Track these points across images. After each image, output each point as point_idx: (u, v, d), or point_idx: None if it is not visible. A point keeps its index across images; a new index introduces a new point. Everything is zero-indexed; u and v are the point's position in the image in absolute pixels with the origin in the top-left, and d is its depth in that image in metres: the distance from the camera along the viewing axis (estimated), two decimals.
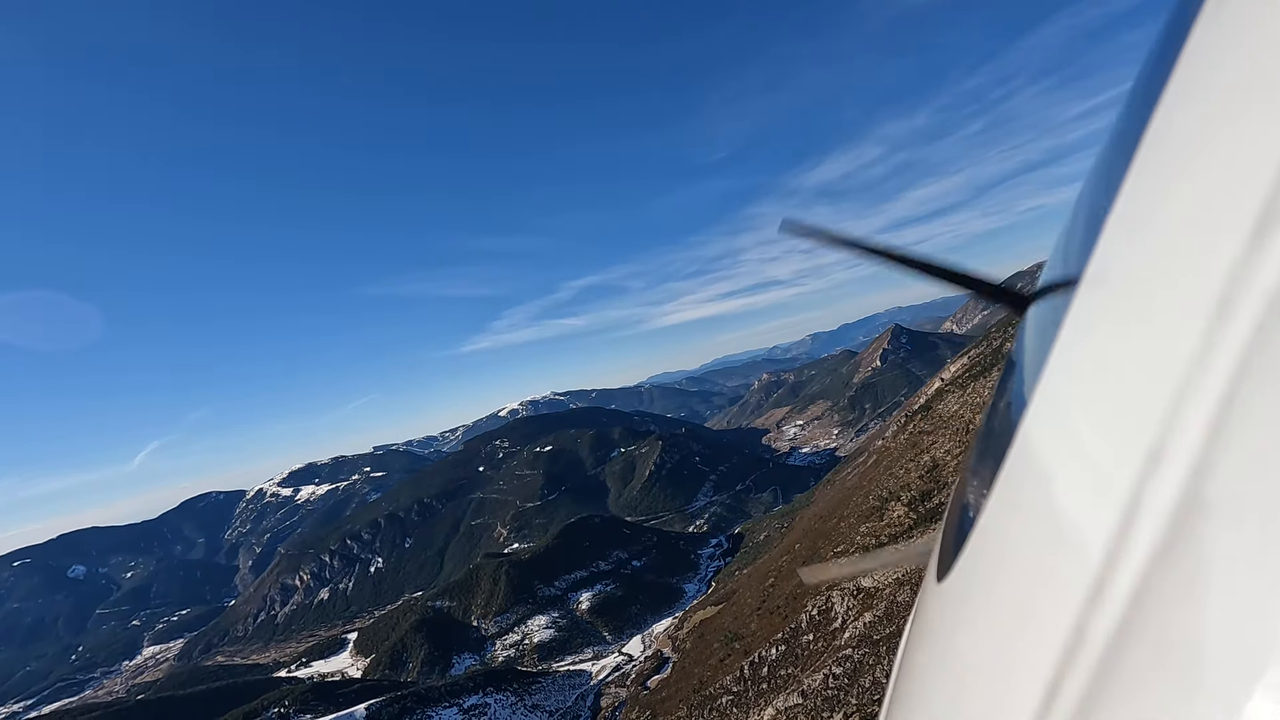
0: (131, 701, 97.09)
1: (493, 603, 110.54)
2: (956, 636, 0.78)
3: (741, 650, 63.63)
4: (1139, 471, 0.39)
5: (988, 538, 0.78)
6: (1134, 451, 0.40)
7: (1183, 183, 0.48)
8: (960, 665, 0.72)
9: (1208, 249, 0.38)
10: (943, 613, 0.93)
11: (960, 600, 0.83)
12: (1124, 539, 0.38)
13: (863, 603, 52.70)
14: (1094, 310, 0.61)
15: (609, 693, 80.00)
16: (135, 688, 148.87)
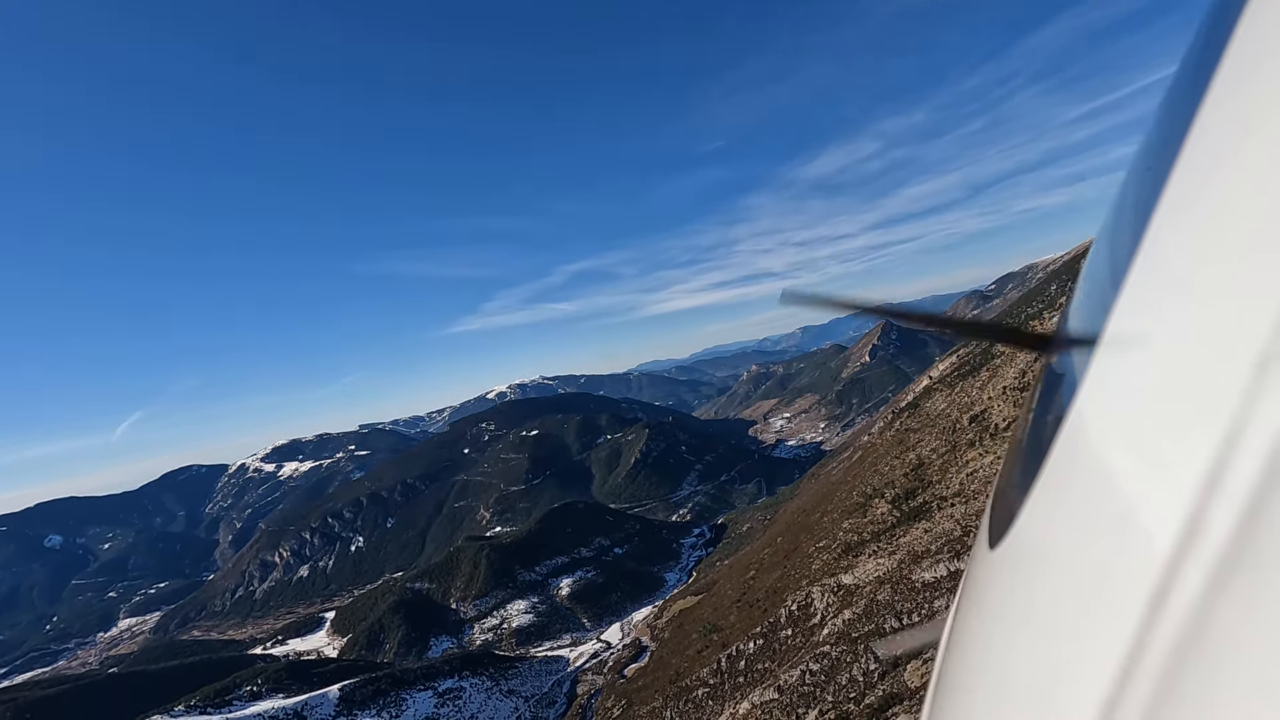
0: (104, 674, 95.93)
1: (472, 586, 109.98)
2: (1013, 604, 0.77)
3: (720, 642, 63.38)
4: (1215, 448, 0.37)
5: (1046, 504, 0.76)
6: (1210, 427, 0.38)
7: (1238, 164, 0.47)
8: (1018, 633, 0.70)
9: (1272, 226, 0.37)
10: (997, 579, 0.91)
11: (1015, 567, 0.82)
12: (1197, 519, 0.37)
13: (843, 600, 52.39)
14: (1158, 284, 0.59)
15: (586, 680, 79.76)
16: (109, 660, 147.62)
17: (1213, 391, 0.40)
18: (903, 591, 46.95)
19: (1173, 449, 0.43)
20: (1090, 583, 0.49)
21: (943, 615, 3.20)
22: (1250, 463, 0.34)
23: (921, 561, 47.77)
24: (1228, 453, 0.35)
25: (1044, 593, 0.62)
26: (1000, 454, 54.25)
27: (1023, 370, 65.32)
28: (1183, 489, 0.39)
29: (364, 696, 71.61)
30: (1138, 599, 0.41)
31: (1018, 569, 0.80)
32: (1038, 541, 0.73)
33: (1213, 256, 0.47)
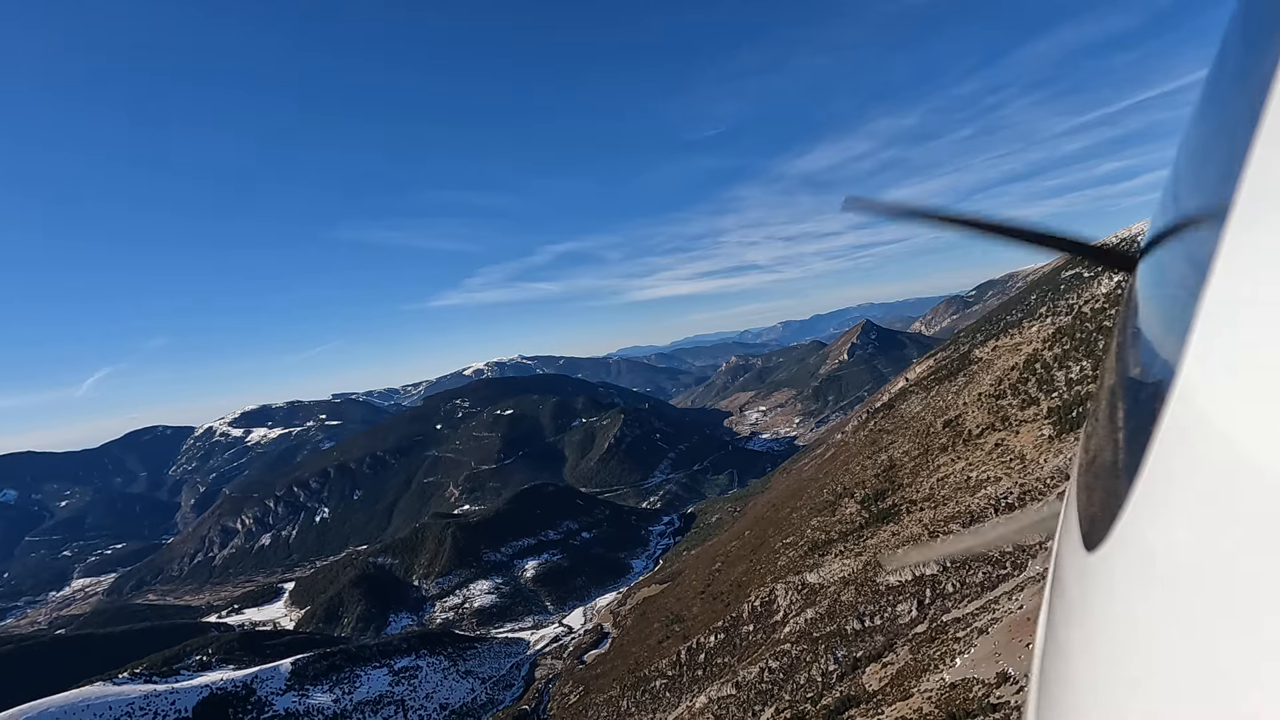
0: (50, 636, 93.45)
1: (436, 563, 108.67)
2: (1125, 611, 0.70)
3: (681, 634, 63.01)
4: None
5: (1156, 502, 0.68)
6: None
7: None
8: (1135, 642, 0.63)
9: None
10: (1100, 584, 0.85)
11: (1124, 572, 0.75)
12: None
13: (806, 598, 52.12)
14: (1258, 244, 0.52)
15: (545, 664, 79.19)
16: (59, 620, 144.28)
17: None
18: (867, 594, 46.73)
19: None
20: (1234, 591, 0.42)
21: (946, 537, 2.31)
22: None
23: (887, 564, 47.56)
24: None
25: (1177, 603, 0.54)
26: (973, 461, 54.19)
27: (999, 378, 65.28)
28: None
29: (317, 671, 70.31)
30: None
31: (1132, 576, 0.71)
32: (1154, 544, 0.65)
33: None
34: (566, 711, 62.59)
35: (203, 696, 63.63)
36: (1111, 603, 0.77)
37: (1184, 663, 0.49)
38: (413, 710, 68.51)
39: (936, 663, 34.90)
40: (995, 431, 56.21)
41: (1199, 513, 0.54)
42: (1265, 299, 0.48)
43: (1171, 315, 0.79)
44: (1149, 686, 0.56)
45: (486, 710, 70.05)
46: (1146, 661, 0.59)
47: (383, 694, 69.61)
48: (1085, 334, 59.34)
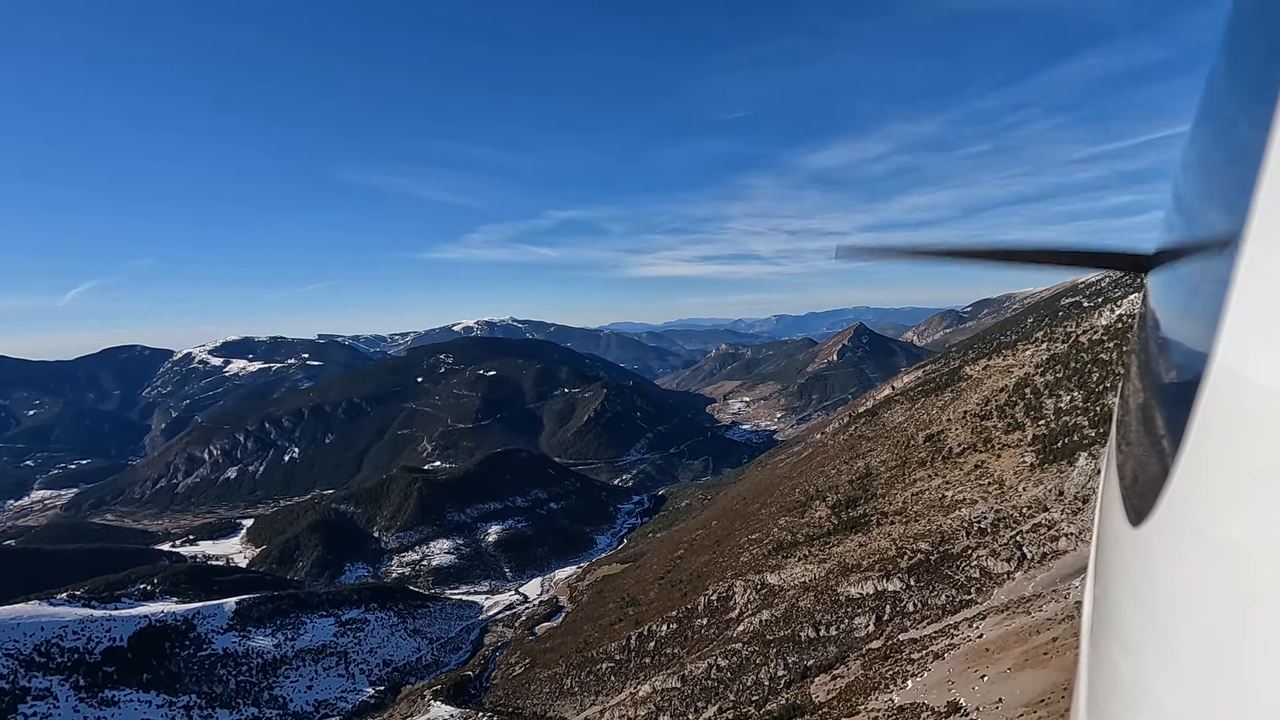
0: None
1: (399, 517, 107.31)
2: (1178, 583, 0.69)
3: (634, 618, 62.08)
4: None
5: (1202, 474, 0.66)
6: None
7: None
8: (1190, 614, 0.63)
9: None
10: (1149, 559, 0.84)
11: (1173, 545, 0.74)
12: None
13: (765, 599, 51.12)
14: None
15: (495, 630, 78.31)
16: (11, 530, 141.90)
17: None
18: (825, 603, 45.72)
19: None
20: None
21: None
22: None
23: (850, 576, 46.49)
24: None
25: (1228, 573, 0.54)
26: (950, 480, 53.08)
27: (986, 398, 64.06)
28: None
29: (261, 614, 69.01)
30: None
31: (1181, 549, 0.70)
32: (1202, 515, 0.65)
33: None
34: (510, 683, 61.73)
35: (140, 627, 62.13)
36: (1162, 576, 0.77)
37: (1238, 633, 0.50)
38: (355, 664, 67.47)
39: (888, 682, 33.86)
40: (977, 452, 55.06)
41: (1244, 483, 0.54)
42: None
43: (1203, 291, 0.77)
44: (1205, 657, 0.57)
45: (430, 671, 69.15)
46: (1201, 634, 0.59)
47: (326, 644, 68.47)
48: (1080, 364, 58.06)
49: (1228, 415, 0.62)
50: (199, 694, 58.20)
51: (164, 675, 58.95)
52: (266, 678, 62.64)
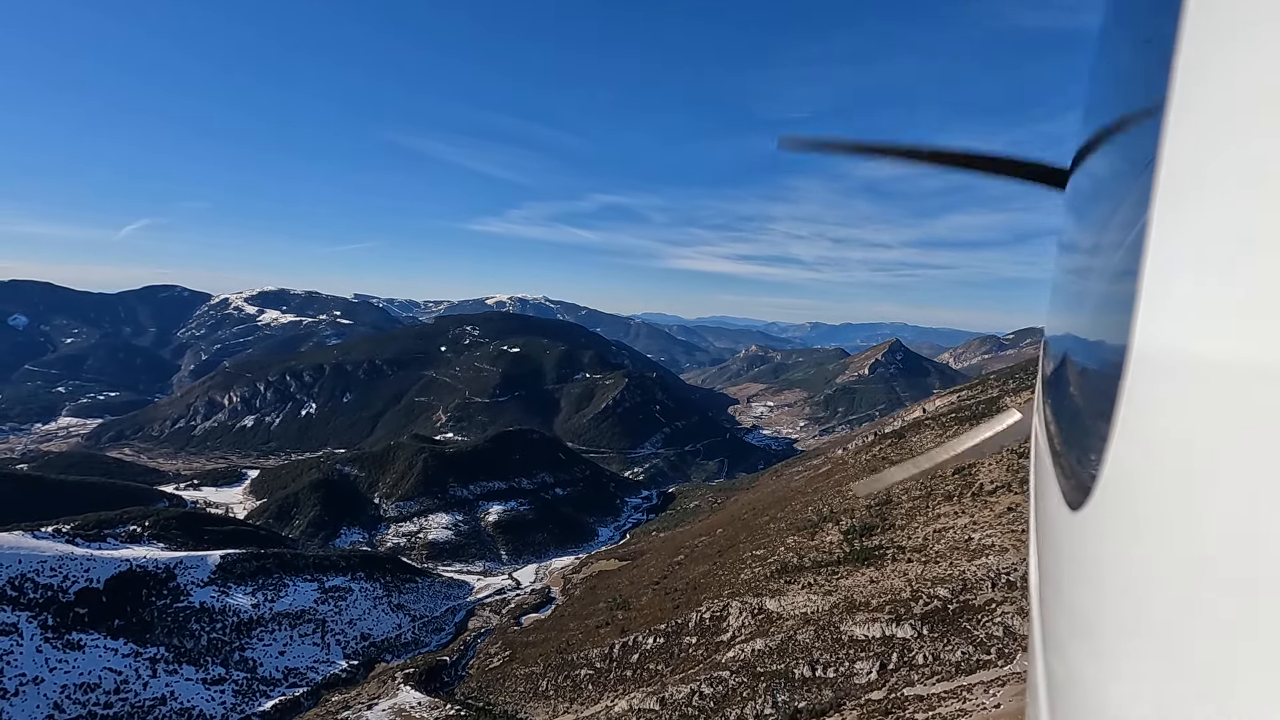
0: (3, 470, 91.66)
1: (401, 486, 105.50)
2: (1120, 565, 0.70)
3: (621, 625, 58.68)
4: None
5: (1138, 460, 0.67)
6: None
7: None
8: (1131, 595, 0.64)
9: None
10: (1089, 542, 0.86)
11: (1112, 528, 0.76)
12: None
13: (760, 626, 47.19)
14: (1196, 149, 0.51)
15: (481, 615, 75.76)
16: (31, 453, 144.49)
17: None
18: (826, 640, 41.61)
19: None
20: (1218, 535, 0.43)
21: (915, 455, 2.59)
22: None
23: (857, 614, 42.27)
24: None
25: (1166, 553, 0.55)
26: (978, 520, 48.36)
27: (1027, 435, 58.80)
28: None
29: (244, 571, 67.26)
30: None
31: (1120, 531, 0.72)
32: (1139, 497, 0.65)
33: None
34: (485, 675, 58.95)
35: (119, 570, 60.69)
36: (1103, 559, 0.78)
37: (1178, 612, 0.51)
38: (331, 633, 65.37)
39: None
40: (1011, 493, 50.20)
41: (1177, 461, 0.54)
42: (1212, 219, 0.48)
43: (1118, 247, 0.77)
44: (1148, 636, 0.58)
45: (408, 650, 66.79)
46: (1142, 613, 0.60)
47: (305, 609, 66.48)
48: None
49: (1153, 396, 0.63)
50: (168, 646, 56.49)
51: (136, 624, 57.38)
52: (240, 638, 60.80)
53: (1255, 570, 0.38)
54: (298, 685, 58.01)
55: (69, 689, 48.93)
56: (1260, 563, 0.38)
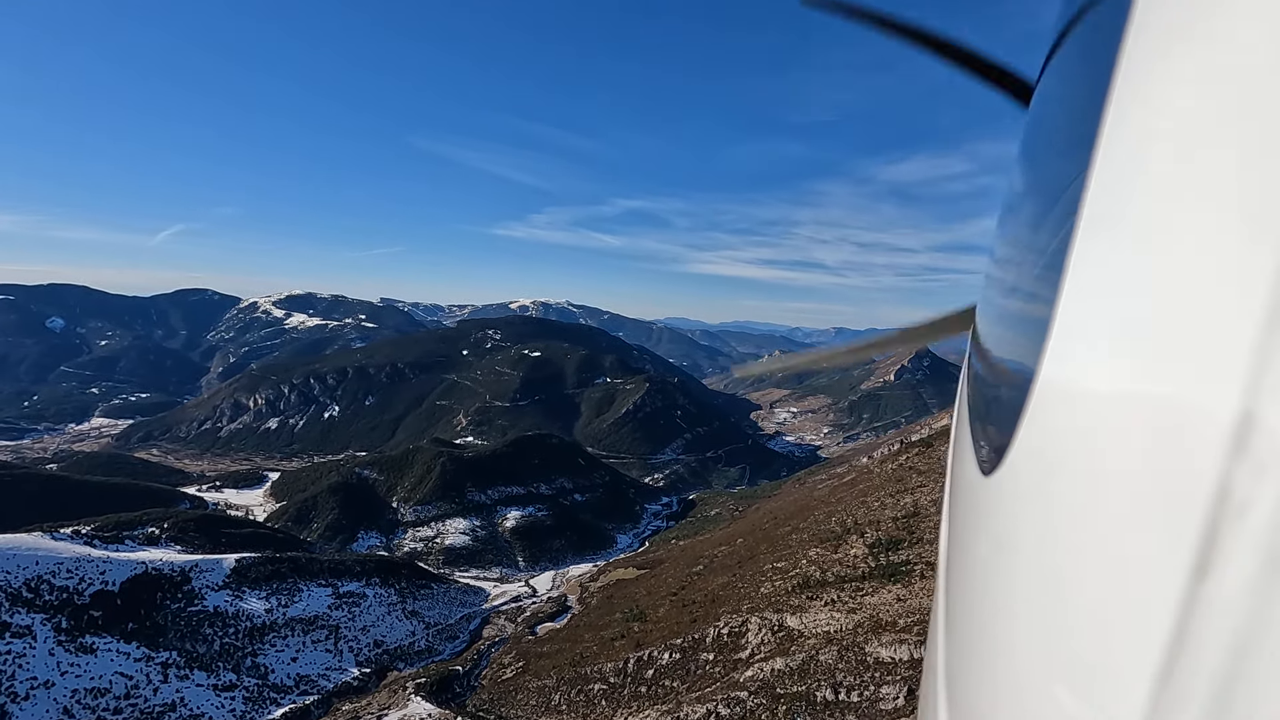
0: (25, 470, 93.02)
1: (419, 490, 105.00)
2: (1026, 533, 0.75)
3: (636, 638, 57.00)
4: (1254, 332, 0.34)
5: (1050, 427, 0.71)
6: (1243, 308, 0.35)
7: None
8: (1038, 562, 0.68)
9: None
10: (999, 508, 0.90)
11: (1018, 495, 0.81)
12: (1243, 418, 0.34)
13: (780, 643, 45.19)
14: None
15: (496, 623, 74.56)
16: (63, 453, 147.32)
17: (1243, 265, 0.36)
18: (850, 661, 39.50)
19: (1192, 352, 0.40)
20: (1122, 499, 0.47)
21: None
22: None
23: (883, 634, 40.09)
24: (1265, 347, 0.33)
25: (1066, 517, 0.60)
26: None
27: None
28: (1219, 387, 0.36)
29: (259, 575, 66.88)
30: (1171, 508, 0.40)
31: (1026, 498, 0.77)
32: (1046, 467, 0.70)
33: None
34: (498, 686, 57.64)
35: (135, 573, 60.63)
36: (1009, 523, 0.84)
37: (1074, 575, 0.55)
38: (345, 640, 64.64)
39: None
40: None
41: (1081, 442, 0.59)
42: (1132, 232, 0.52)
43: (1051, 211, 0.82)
44: (1043, 599, 0.63)
45: (421, 659, 65.84)
46: (1041, 577, 0.65)
47: (319, 615, 65.87)
48: None
49: (1058, 382, 0.68)
50: (180, 651, 56.15)
51: (149, 627, 57.14)
52: (252, 643, 60.32)
53: (1124, 549, 0.44)
54: (309, 693, 57.28)
55: (79, 694, 48.63)
56: (1131, 540, 0.43)
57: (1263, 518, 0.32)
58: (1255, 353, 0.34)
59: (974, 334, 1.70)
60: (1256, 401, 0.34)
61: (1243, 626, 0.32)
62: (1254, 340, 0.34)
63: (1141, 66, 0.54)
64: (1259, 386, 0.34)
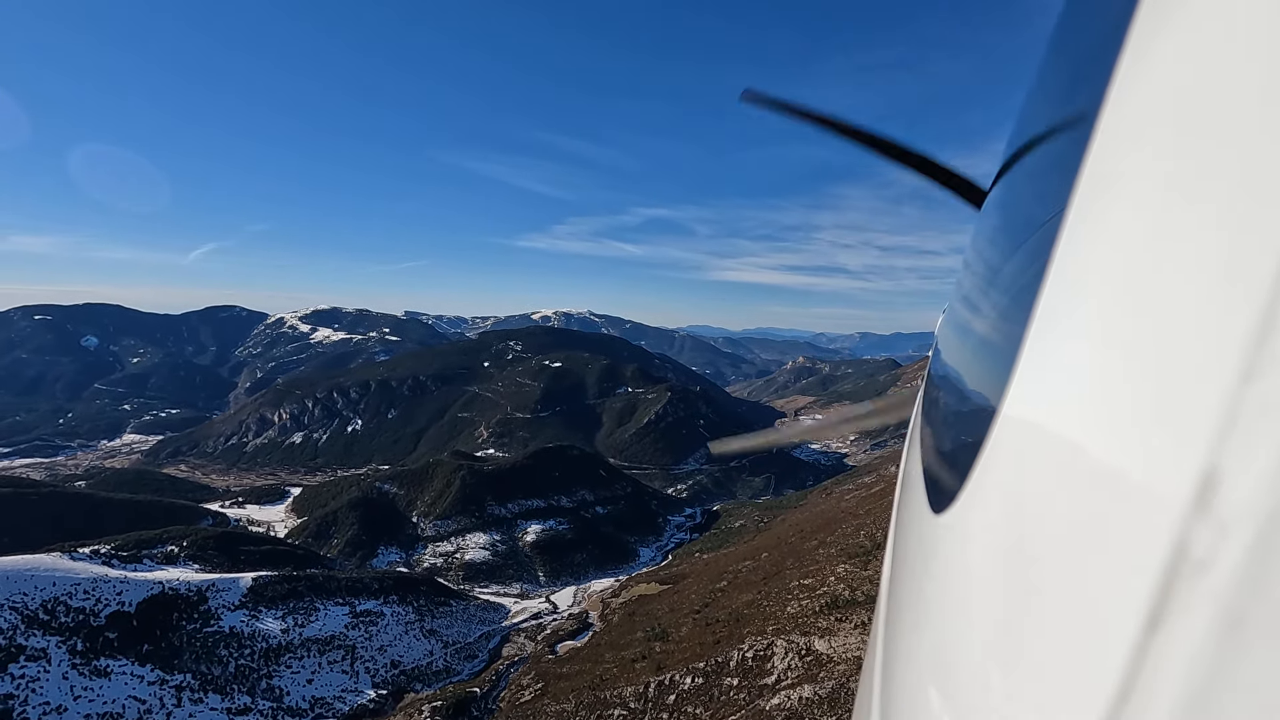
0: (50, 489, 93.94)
1: (439, 504, 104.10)
2: (976, 576, 0.74)
3: (658, 660, 54.86)
4: (1218, 403, 0.34)
5: (1006, 471, 0.71)
6: (1205, 377, 0.36)
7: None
8: (988, 607, 0.67)
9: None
10: (948, 548, 0.90)
11: (970, 537, 0.80)
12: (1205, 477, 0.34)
13: (809, 669, 42.77)
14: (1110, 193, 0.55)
15: (516, 641, 72.86)
16: (94, 470, 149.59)
17: (1206, 336, 0.37)
18: None
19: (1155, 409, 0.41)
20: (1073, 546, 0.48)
21: (777, 425, 2.64)
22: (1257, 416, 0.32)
23: None
24: (1234, 405, 0.33)
25: (1017, 561, 0.60)
26: None
27: None
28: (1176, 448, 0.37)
29: (275, 594, 66.08)
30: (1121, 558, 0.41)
31: (976, 538, 0.78)
32: (997, 510, 0.71)
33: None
34: (516, 710, 55.76)
35: (152, 593, 60.11)
36: (957, 563, 0.83)
37: (1022, 621, 0.55)
38: (361, 660, 63.42)
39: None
40: None
41: (1038, 487, 0.59)
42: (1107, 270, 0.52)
43: (1017, 280, 0.83)
44: (989, 644, 0.62)
45: (439, 679, 64.34)
46: (988, 620, 0.64)
47: (335, 635, 64.77)
48: None
49: (1020, 427, 0.69)
50: (195, 674, 55.33)
51: (164, 649, 56.46)
52: (268, 664, 59.34)
53: (1076, 598, 0.44)
54: (324, 716, 56.10)
55: (92, 719, 47.91)
56: (1083, 588, 0.44)
57: (1221, 576, 0.32)
58: (1225, 411, 0.34)
59: (929, 372, 1.62)
60: (1222, 460, 0.34)
61: (1193, 682, 0.32)
62: (1224, 398, 0.34)
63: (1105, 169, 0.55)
64: (1226, 445, 0.34)
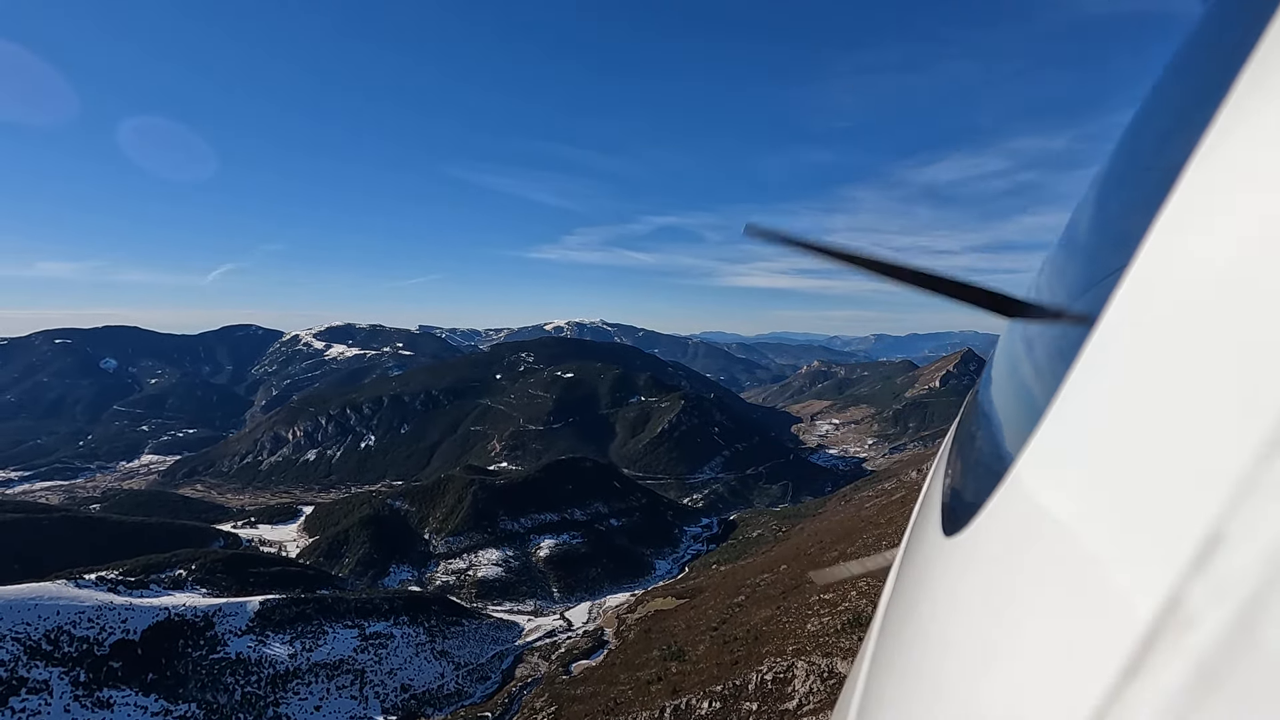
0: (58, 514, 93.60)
1: (451, 520, 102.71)
2: (980, 597, 0.76)
3: (674, 682, 52.80)
4: (1248, 451, 0.36)
5: (1022, 500, 0.74)
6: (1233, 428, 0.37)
7: (1249, 193, 0.47)
8: (976, 629, 0.70)
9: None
10: (956, 569, 0.91)
11: (982, 559, 0.82)
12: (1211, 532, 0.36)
13: (831, 692, 40.60)
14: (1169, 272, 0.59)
15: (529, 661, 71.09)
16: (111, 491, 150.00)
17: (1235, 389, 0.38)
18: None
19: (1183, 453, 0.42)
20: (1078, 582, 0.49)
21: (880, 551, 2.76)
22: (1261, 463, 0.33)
23: None
24: (1253, 475, 0.34)
25: (1013, 587, 0.63)
26: None
27: None
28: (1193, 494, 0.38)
29: (283, 618, 64.81)
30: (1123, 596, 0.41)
31: (977, 561, 0.81)
32: (1007, 539, 0.73)
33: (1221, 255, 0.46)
34: None
35: (157, 619, 59.07)
36: (956, 586, 0.86)
37: (1008, 649, 0.58)
38: (371, 685, 61.91)
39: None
40: None
41: (1045, 522, 0.63)
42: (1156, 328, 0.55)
43: (1049, 355, 0.89)
44: (972, 669, 0.65)
45: (450, 703, 62.64)
46: (976, 645, 0.67)
47: (344, 659, 63.35)
48: None
49: (1038, 465, 0.73)
50: (200, 703, 54.09)
51: (169, 677, 55.30)
52: (275, 691, 58.00)
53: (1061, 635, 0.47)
54: None
55: None
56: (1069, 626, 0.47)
57: (1209, 635, 0.33)
58: (1240, 480, 0.35)
59: (973, 402, 1.68)
60: (1230, 526, 0.35)
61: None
62: (1241, 469, 0.36)
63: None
64: (1236, 513, 0.35)
